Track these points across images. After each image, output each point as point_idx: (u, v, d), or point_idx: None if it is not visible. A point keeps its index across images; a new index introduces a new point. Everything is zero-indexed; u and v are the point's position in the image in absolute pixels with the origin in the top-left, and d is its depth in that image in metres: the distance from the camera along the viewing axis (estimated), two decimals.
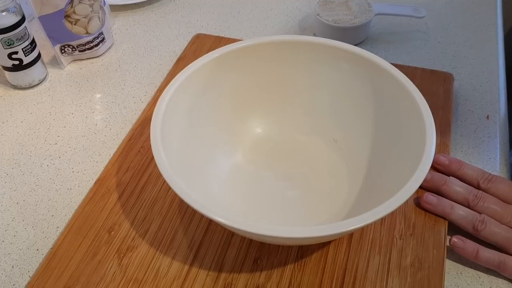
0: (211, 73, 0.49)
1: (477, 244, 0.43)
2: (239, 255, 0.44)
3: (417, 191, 0.38)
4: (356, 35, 0.67)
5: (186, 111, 0.47)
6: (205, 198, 0.43)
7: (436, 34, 0.69)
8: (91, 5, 0.64)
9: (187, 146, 0.46)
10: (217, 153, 0.49)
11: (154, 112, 0.43)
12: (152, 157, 0.51)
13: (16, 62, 0.60)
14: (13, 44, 0.58)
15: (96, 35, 0.66)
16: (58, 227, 0.48)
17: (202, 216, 0.47)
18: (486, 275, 0.43)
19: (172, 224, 0.46)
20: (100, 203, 0.48)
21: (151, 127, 0.42)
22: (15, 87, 0.63)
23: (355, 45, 0.60)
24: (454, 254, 0.44)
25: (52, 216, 0.49)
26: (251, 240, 0.45)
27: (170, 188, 0.37)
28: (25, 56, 0.60)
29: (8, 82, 0.64)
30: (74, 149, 0.56)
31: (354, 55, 0.48)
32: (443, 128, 0.54)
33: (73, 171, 0.53)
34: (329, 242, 0.44)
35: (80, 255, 0.44)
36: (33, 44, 0.61)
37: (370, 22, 0.66)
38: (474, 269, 0.43)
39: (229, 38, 0.68)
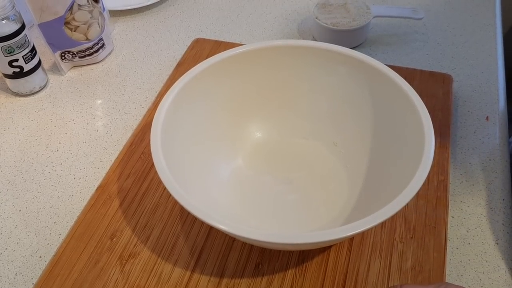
0: (210, 79, 0.49)
1: None
2: (241, 260, 0.44)
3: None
4: (355, 37, 0.67)
5: (186, 117, 0.47)
6: (206, 204, 0.43)
7: (435, 35, 0.69)
8: (91, 12, 0.64)
9: (187, 152, 0.46)
10: (217, 158, 0.50)
11: (153, 120, 0.43)
12: (153, 163, 0.52)
13: (17, 70, 0.60)
14: (13, 51, 0.59)
15: (96, 41, 0.66)
16: (60, 234, 0.48)
17: (203, 222, 0.47)
18: (486, 277, 0.43)
19: (173, 230, 0.46)
20: (101, 210, 0.48)
21: (151, 135, 0.42)
22: (16, 94, 0.64)
23: (354, 47, 0.61)
24: (455, 257, 0.44)
25: (55, 223, 0.49)
26: (252, 245, 0.45)
27: (171, 195, 0.38)
28: (26, 63, 0.61)
29: (9, 90, 0.64)
30: (76, 155, 0.56)
31: (351, 58, 0.49)
32: (443, 130, 0.54)
33: (74, 178, 0.53)
34: (330, 247, 0.44)
35: (83, 262, 0.44)
36: (33, 51, 0.61)
37: (369, 24, 0.67)
38: (475, 271, 0.44)
39: (228, 42, 0.68)
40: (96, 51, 0.67)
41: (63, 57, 0.65)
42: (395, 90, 0.45)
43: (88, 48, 0.66)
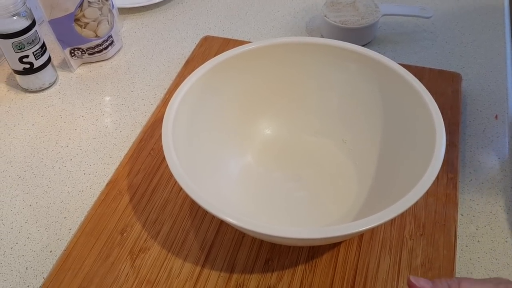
0: (219, 76, 0.49)
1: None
2: (251, 256, 0.44)
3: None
4: (364, 35, 0.67)
5: (196, 113, 0.47)
6: (216, 199, 0.43)
7: (444, 34, 0.69)
8: (100, 9, 0.64)
9: (197, 148, 0.46)
10: (227, 154, 0.50)
11: (165, 115, 0.43)
12: (163, 159, 0.52)
13: (27, 66, 0.61)
14: (24, 48, 0.59)
15: (105, 38, 0.66)
16: (70, 229, 0.49)
17: (213, 217, 0.47)
18: (496, 275, 0.43)
19: (183, 225, 0.47)
20: (112, 205, 0.48)
21: (162, 130, 0.42)
22: (26, 91, 0.64)
23: (362, 45, 0.61)
24: (464, 254, 0.44)
25: (65, 218, 0.50)
26: (262, 241, 0.45)
27: (181, 189, 0.38)
28: (36, 59, 0.61)
29: (19, 86, 0.64)
30: (85, 151, 0.56)
31: (361, 55, 0.49)
32: (452, 128, 0.54)
33: (84, 173, 0.54)
34: (339, 243, 0.45)
35: (93, 257, 0.45)
36: (43, 47, 0.61)
37: (377, 22, 0.67)
38: (484, 269, 0.44)
39: (236, 40, 0.68)
40: (105, 48, 0.67)
41: (72, 54, 0.66)
42: (405, 87, 0.45)
43: (97, 45, 0.66)
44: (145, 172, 0.51)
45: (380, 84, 0.48)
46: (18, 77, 0.63)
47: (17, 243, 0.48)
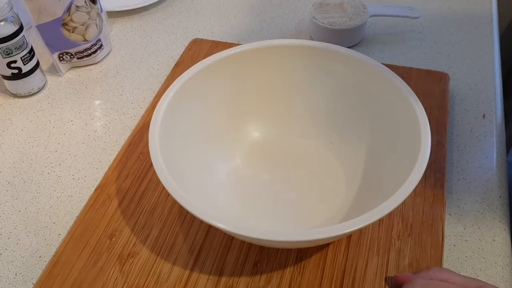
0: (208, 79, 0.49)
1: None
2: (239, 258, 0.44)
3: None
4: (352, 37, 0.67)
5: (184, 117, 0.47)
6: (204, 203, 0.44)
7: (432, 34, 0.70)
8: (88, 13, 0.64)
9: (186, 151, 0.46)
10: (215, 157, 0.50)
11: (151, 120, 0.43)
12: (152, 163, 0.52)
13: (15, 71, 0.61)
14: (11, 53, 0.59)
15: (93, 42, 0.66)
16: (60, 234, 0.48)
17: (202, 221, 0.47)
18: (483, 274, 0.43)
19: (172, 229, 0.47)
20: (101, 210, 0.48)
21: (149, 135, 0.42)
22: (15, 96, 0.64)
23: (351, 47, 0.61)
24: (452, 254, 0.45)
25: (54, 223, 0.49)
26: (250, 244, 0.45)
27: (170, 193, 0.38)
28: (24, 64, 0.61)
29: (8, 91, 0.64)
30: (74, 156, 0.56)
31: (348, 57, 0.49)
32: (439, 128, 0.54)
33: (73, 178, 0.54)
34: (327, 244, 0.45)
35: (82, 262, 0.44)
36: (31, 52, 0.61)
37: (366, 23, 0.67)
38: (472, 268, 0.44)
39: (226, 43, 0.68)
40: (94, 52, 0.67)
41: (61, 58, 0.66)
42: (392, 89, 0.46)
43: (86, 49, 0.66)
44: (134, 176, 0.51)
45: (366, 86, 0.49)
46: (6, 82, 0.63)
47: (6, 249, 0.48)
